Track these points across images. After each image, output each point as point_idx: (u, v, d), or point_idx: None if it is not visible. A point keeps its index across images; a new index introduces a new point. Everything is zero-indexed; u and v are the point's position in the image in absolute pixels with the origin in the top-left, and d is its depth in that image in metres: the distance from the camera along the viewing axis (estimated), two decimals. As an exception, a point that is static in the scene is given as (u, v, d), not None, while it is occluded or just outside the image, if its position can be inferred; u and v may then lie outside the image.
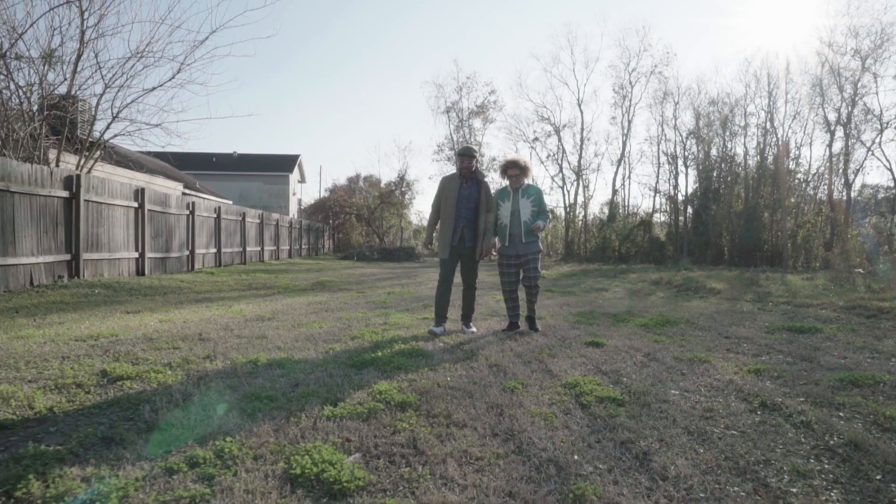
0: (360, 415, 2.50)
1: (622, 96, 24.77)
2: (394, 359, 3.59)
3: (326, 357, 3.69)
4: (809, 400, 2.87)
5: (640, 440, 2.30)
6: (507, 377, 3.28)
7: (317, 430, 2.30)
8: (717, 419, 2.58)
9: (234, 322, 5.12)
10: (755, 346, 4.40)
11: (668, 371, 3.51)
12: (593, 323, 5.55)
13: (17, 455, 1.93)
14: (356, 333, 4.59)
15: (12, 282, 7.04)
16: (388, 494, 1.78)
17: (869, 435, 2.36)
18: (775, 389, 3.08)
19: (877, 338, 4.78)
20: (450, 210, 4.81)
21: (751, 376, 3.38)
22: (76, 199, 8.31)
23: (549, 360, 3.75)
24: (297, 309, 6.32)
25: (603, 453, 2.17)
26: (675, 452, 2.18)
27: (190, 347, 3.87)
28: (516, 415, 2.59)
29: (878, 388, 3.11)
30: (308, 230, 26.24)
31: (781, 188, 19.96)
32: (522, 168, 4.87)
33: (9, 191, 6.98)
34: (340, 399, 2.72)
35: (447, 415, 2.55)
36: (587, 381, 3.14)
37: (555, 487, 1.87)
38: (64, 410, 2.45)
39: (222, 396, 2.71)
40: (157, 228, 11.04)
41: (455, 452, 2.13)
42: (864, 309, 6.26)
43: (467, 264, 4.94)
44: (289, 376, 3.14)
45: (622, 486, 1.89)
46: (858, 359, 3.93)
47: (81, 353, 3.57)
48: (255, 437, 2.19)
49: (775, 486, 1.89)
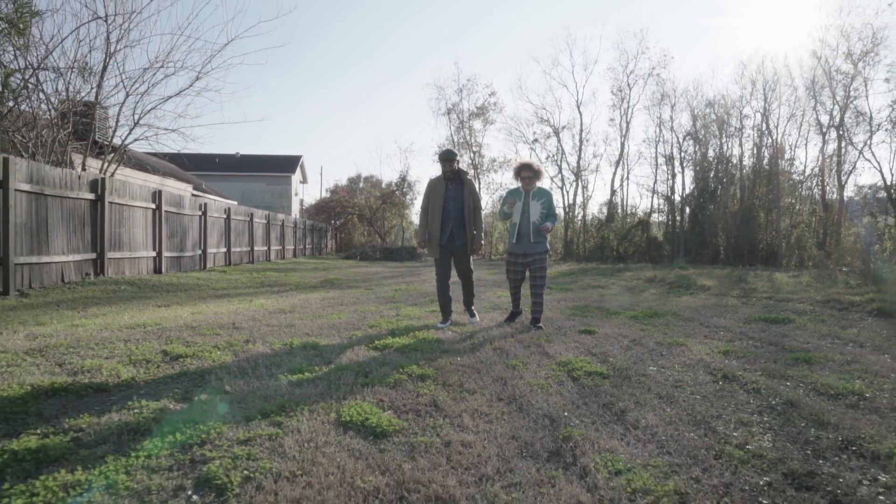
0: (388, 383, 3.01)
1: (620, 98, 25.29)
2: (410, 342, 4.10)
3: (350, 341, 4.20)
4: (765, 374, 3.39)
5: (619, 402, 2.81)
6: (510, 357, 3.79)
7: (354, 394, 2.81)
8: (685, 387, 3.10)
9: (259, 314, 5.63)
10: (730, 333, 4.91)
11: (649, 353, 4.02)
12: (587, 315, 6.06)
13: (129, 406, 2.44)
14: (372, 323, 5.10)
15: (46, 279, 7.55)
16: (418, 435, 2.29)
17: (805, 397, 2.88)
18: (738, 366, 3.60)
19: (842, 327, 5.30)
20: (437, 210, 5.11)
21: (720, 356, 3.90)
22: (101, 201, 8.82)
23: (546, 345, 4.26)
24: (314, 303, 6.83)
25: (588, 411, 2.69)
26: (647, 410, 2.69)
27: (229, 333, 4.38)
28: (517, 385, 3.10)
29: (827, 365, 3.62)
30: (312, 230, 26.75)
31: (776, 189, 20.49)
32: (535, 171, 5.21)
33: (43, 194, 7.49)
34: (369, 372, 3.24)
35: (460, 384, 3.07)
36: (578, 360, 3.66)
37: (548, 433, 2.38)
38: (143, 379, 2.97)
39: (270, 370, 3.23)
40: (173, 228, 11.55)
41: (468, 410, 2.64)
42: (838, 303, 6.78)
43: (460, 259, 5.23)
44: (322, 356, 3.65)
45: (601, 432, 2.40)
46: (819, 343, 4.45)
47: (138, 337, 4.08)
48: (306, 398, 2.70)
49: (721, 432, 2.40)
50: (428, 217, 5.26)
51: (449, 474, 1.91)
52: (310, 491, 1.75)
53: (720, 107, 22.53)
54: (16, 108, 8.16)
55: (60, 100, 8.72)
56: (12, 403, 2.44)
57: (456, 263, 5.30)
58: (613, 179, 25.67)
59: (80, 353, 3.48)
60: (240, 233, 15.97)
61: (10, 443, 2.01)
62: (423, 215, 5.38)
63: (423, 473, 1.91)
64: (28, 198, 7.20)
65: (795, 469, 2.02)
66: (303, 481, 1.82)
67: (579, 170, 26.18)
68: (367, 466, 1.96)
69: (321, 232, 29.17)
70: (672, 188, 24.06)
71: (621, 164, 25.57)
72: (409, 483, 1.84)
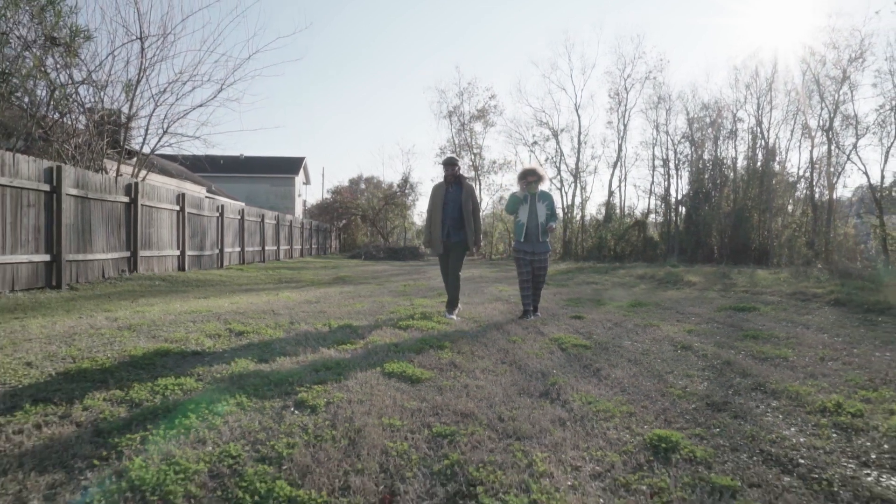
0: (414, 350, 3.81)
1: (618, 102, 26.10)
2: (427, 324, 4.89)
3: (377, 323, 5.00)
4: (716, 345, 4.19)
5: (596, 364, 3.61)
6: (511, 335, 4.58)
7: (390, 358, 3.60)
8: (650, 354, 3.89)
9: (290, 304, 6.42)
10: (700, 318, 5.71)
11: (626, 332, 4.82)
12: (579, 306, 6.85)
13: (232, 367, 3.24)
14: (392, 310, 5.90)
15: (90, 274, 8.35)
16: (444, 381, 3.08)
17: (741, 360, 3.68)
18: (696, 340, 4.40)
19: (799, 314, 6.09)
20: (438, 211, 5.66)
21: (684, 334, 4.69)
22: (134, 204, 9.62)
23: (541, 327, 5.06)
24: (334, 296, 7.62)
25: (571, 369, 3.48)
26: (617, 369, 3.48)
27: (272, 317, 5.18)
28: (517, 353, 3.89)
29: (770, 340, 4.42)
30: (317, 230, 27.56)
31: (768, 190, 21.30)
32: (539, 176, 5.84)
33: (87, 197, 8.28)
34: (399, 343, 4.03)
35: (471, 352, 3.86)
36: (567, 337, 4.45)
37: (540, 382, 3.17)
38: (223, 347, 3.76)
39: (318, 342, 4.02)
40: (194, 229, 12.35)
41: (479, 368, 3.44)
42: (803, 294, 7.58)
43: (454, 255, 5.71)
44: (356, 333, 4.44)
45: (580, 381, 3.20)
46: (773, 326, 5.24)
47: (200, 319, 4.88)
48: (355, 359, 3.50)
49: (670, 381, 3.20)
50: (431, 218, 5.81)
51: (468, 402, 2.70)
52: (373, 409, 2.54)
53: (714, 110, 23.36)
54: (61, 119, 8.95)
55: (98, 111, 9.51)
56: (142, 359, 3.23)
57: (450, 257, 5.82)
58: (611, 181, 26.48)
59: (163, 330, 4.27)
60: (252, 233, 16.77)
61: (156, 381, 2.80)
62: (427, 218, 5.95)
63: (450, 401, 2.70)
64: (75, 201, 8.00)
65: (716, 400, 2.81)
66: (368, 403, 2.61)
67: (578, 171, 26.99)
68: (409, 397, 2.76)
69: (326, 232, 29.99)
70: (667, 189, 24.89)
71: (619, 166, 26.39)
72: (440, 406, 2.63)
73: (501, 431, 2.33)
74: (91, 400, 2.49)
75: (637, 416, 2.58)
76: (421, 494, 1.78)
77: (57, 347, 3.51)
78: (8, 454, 1.94)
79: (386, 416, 2.44)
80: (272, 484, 1.77)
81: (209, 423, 2.28)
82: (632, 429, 2.39)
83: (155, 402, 2.52)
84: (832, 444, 2.21)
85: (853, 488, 1.84)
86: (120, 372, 2.99)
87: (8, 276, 6.70)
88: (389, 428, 2.31)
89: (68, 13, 7.70)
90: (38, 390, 2.62)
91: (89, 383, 2.76)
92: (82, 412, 2.36)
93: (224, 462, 1.93)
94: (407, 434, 2.26)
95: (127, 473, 1.80)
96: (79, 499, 1.67)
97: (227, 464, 1.92)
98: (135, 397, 2.55)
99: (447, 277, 5.84)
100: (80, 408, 2.40)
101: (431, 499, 1.76)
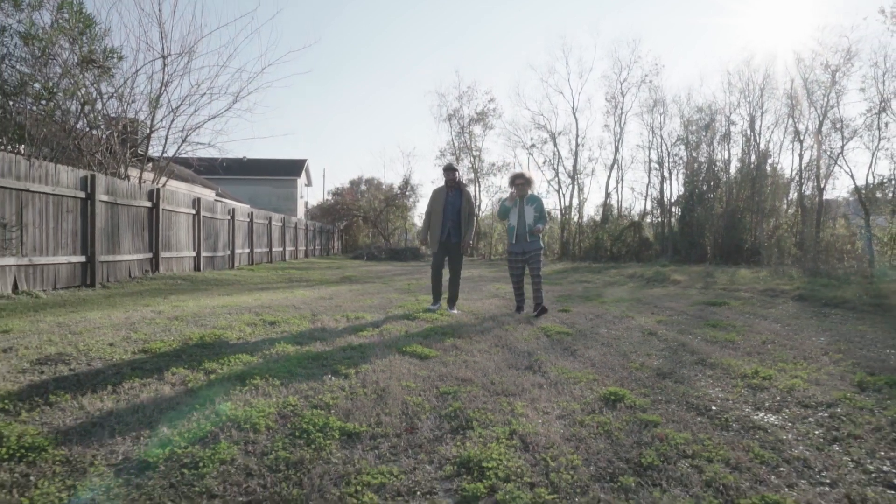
0: (423, 336, 4.53)
1: (614, 105, 26.86)
2: (432, 316, 5.61)
3: (388, 316, 5.72)
4: (678, 332, 4.91)
5: (574, 346, 4.32)
6: (504, 325, 5.30)
7: (401, 341, 4.31)
8: (621, 340, 4.61)
9: (307, 300, 7.13)
10: (673, 311, 6.43)
11: (605, 322, 5.54)
12: (568, 301, 7.57)
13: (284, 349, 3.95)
14: (400, 305, 6.61)
15: (119, 274, 9.07)
16: (447, 357, 3.80)
17: (694, 342, 4.40)
18: (662, 328, 5.12)
19: (764, 308, 6.81)
20: (439, 214, 6.26)
21: (654, 323, 5.42)
22: (156, 208, 10.34)
23: (531, 318, 5.77)
24: (344, 293, 8.33)
25: (553, 350, 4.19)
26: (591, 350, 4.20)
27: (296, 311, 5.89)
28: (508, 338, 4.61)
29: (727, 328, 5.14)
30: (321, 232, 28.28)
31: (760, 192, 22.04)
32: (527, 180, 6.43)
33: (115, 203, 9.00)
34: (409, 331, 4.75)
35: (470, 337, 4.58)
36: (553, 326, 5.17)
37: (525, 359, 3.89)
38: (263, 336, 4.47)
39: (341, 330, 4.73)
40: (208, 231, 13.07)
41: (476, 349, 4.15)
42: (773, 291, 8.30)
43: (454, 256, 6.33)
44: (371, 324, 5.16)
45: (559, 358, 3.91)
46: (735, 317, 5.96)
47: (233, 312, 5.59)
48: (372, 343, 4.21)
49: (632, 358, 3.91)
50: (430, 219, 6.48)
51: (467, 371, 3.42)
52: (393, 375, 3.26)
53: (707, 113, 24.10)
54: (90, 130, 9.68)
55: (122, 121, 10.23)
56: (200, 341, 3.96)
57: (450, 259, 6.47)
58: (608, 183, 27.23)
59: (207, 320, 4.99)
60: (260, 235, 17.49)
61: (220, 357, 3.52)
62: (425, 218, 6.61)
63: (453, 371, 3.42)
64: (106, 207, 8.72)
65: (665, 371, 3.53)
66: (388, 371, 3.33)
67: (575, 173, 27.73)
68: (420, 368, 3.47)
69: (328, 234, 30.73)
70: (662, 191, 25.63)
71: (615, 168, 27.13)
72: (445, 374, 3.34)
73: (492, 391, 3.04)
74: (176, 369, 3.21)
75: (599, 381, 3.30)
76: (433, 428, 2.49)
77: (126, 333, 4.23)
78: (131, 403, 2.65)
79: (403, 380, 3.16)
80: (326, 419, 2.48)
81: (270, 383, 3.00)
82: (593, 389, 3.11)
83: (224, 371, 3.23)
84: (740, 398, 2.94)
85: (742, 422, 2.56)
86: (187, 351, 3.71)
87: (50, 275, 7.42)
88: (407, 388, 3.03)
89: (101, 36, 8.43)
90: (131, 364, 3.34)
91: (168, 358, 3.48)
92: (172, 377, 3.07)
93: (287, 408, 2.65)
94: (420, 392, 2.98)
95: (223, 413, 2.51)
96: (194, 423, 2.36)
97: (290, 409, 2.63)
98: (208, 367, 3.27)
99: (437, 272, 6.39)
100: (170, 374, 3.12)
101: (440, 430, 2.47)
